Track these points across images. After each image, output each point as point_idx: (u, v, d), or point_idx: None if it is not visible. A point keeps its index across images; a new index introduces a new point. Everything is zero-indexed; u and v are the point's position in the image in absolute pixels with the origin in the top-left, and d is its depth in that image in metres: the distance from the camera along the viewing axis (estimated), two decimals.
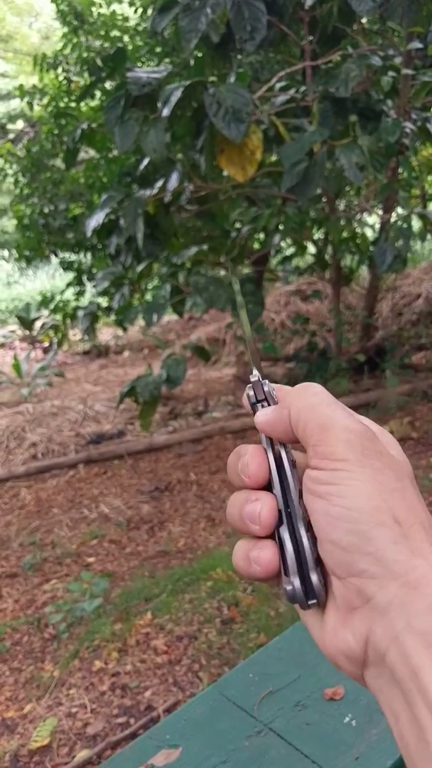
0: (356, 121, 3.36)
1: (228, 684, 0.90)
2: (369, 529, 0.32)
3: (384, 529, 0.31)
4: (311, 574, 0.35)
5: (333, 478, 0.33)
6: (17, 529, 3.61)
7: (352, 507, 0.32)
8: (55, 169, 5.79)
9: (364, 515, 0.32)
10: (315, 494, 0.34)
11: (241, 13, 3.23)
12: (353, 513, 0.32)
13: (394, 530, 0.31)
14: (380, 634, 0.31)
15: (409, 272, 6.47)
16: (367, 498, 0.32)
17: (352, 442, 0.34)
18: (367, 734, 0.80)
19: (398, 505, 0.32)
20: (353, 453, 0.33)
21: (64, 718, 2.17)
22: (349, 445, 0.33)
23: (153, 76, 3.40)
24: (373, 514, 0.32)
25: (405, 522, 0.32)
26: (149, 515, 3.58)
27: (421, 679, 0.29)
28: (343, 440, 0.34)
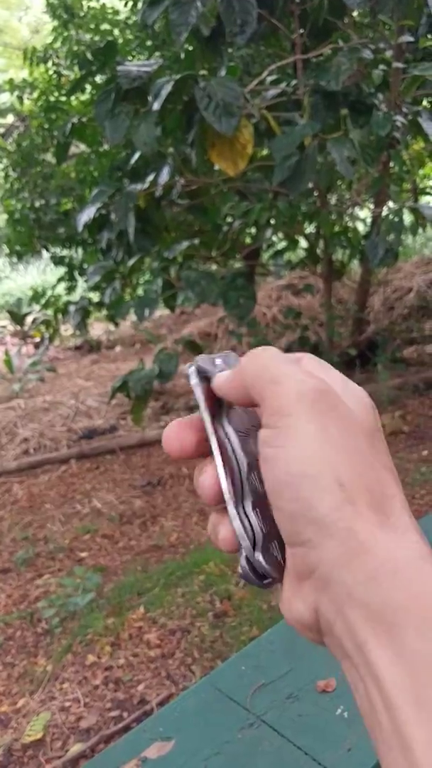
0: (347, 114, 3.36)
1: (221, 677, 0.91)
2: (310, 495, 0.29)
3: (326, 495, 0.29)
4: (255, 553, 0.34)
5: (278, 438, 0.31)
6: (9, 524, 3.61)
7: (294, 472, 0.30)
8: (45, 164, 5.77)
9: (305, 480, 0.30)
10: (264, 459, 0.32)
11: (232, 6, 3.21)
12: (295, 478, 0.30)
13: (336, 495, 0.29)
14: (326, 605, 0.30)
15: (401, 266, 6.47)
16: (310, 461, 0.30)
17: (303, 394, 0.31)
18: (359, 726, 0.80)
19: (345, 466, 0.30)
20: (302, 406, 0.31)
21: (57, 712, 2.17)
22: (299, 398, 0.31)
23: (143, 70, 3.38)
24: (316, 478, 0.29)
25: (350, 485, 0.29)
26: (142, 510, 3.59)
27: (366, 655, 0.28)
28: (293, 392, 0.31)
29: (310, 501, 0.29)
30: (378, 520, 0.29)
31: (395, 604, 0.27)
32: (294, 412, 0.31)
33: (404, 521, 0.30)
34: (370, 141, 3.39)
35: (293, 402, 0.31)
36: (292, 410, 0.31)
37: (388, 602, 0.27)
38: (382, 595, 0.27)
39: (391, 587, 0.27)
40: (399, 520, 0.30)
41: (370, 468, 0.30)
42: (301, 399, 0.31)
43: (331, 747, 0.75)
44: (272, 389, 0.32)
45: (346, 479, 0.29)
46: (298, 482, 0.30)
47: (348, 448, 0.30)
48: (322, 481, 0.29)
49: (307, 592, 0.31)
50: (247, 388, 0.34)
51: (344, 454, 0.30)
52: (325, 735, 0.78)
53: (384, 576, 0.28)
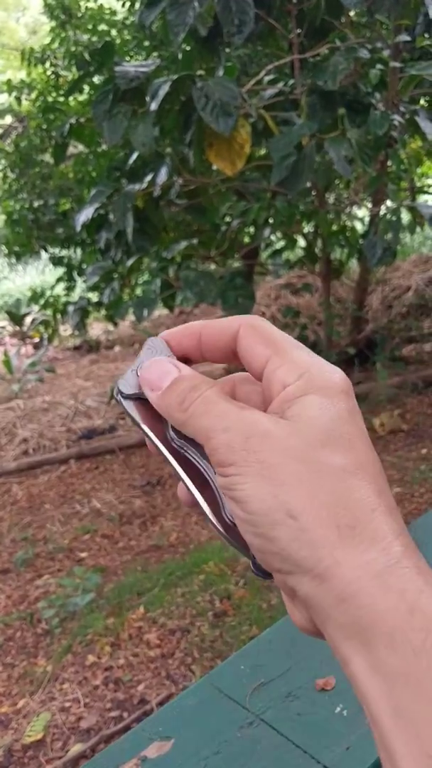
0: (345, 114, 3.35)
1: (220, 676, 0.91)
2: (267, 531, 0.30)
3: (280, 528, 0.30)
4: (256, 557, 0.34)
5: (228, 484, 0.32)
6: (9, 524, 3.61)
7: (249, 510, 0.31)
8: (43, 164, 5.77)
9: (260, 517, 0.30)
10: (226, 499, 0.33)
11: (229, 6, 3.21)
12: (252, 517, 0.31)
13: (291, 527, 0.30)
14: (317, 623, 0.31)
15: (399, 265, 6.47)
16: (260, 500, 0.30)
17: (233, 444, 0.31)
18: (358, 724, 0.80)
19: (291, 496, 0.30)
20: (235, 453, 0.31)
21: (57, 712, 2.18)
22: (230, 449, 0.31)
23: (141, 70, 3.38)
24: (267, 514, 0.30)
25: (302, 514, 0.30)
26: (141, 510, 3.59)
27: (351, 671, 0.29)
28: (224, 446, 0.32)
29: (268, 536, 0.30)
30: (338, 540, 0.29)
31: (364, 623, 0.28)
32: (230, 458, 0.31)
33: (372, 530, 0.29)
34: (367, 140, 3.38)
35: (226, 450, 0.31)
36: (228, 457, 0.31)
37: (358, 622, 0.28)
38: (352, 616, 0.28)
39: (358, 607, 0.28)
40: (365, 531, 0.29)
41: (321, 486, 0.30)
42: (232, 445, 0.31)
43: (330, 745, 0.75)
44: (208, 444, 0.32)
45: (296, 509, 0.30)
46: (255, 520, 0.31)
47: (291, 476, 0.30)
48: (273, 516, 0.30)
49: (299, 606, 0.32)
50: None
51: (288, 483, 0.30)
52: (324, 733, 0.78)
53: (351, 597, 0.28)
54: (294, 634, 1.01)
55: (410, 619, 0.27)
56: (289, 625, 1.03)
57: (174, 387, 0.35)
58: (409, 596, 0.28)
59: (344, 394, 0.32)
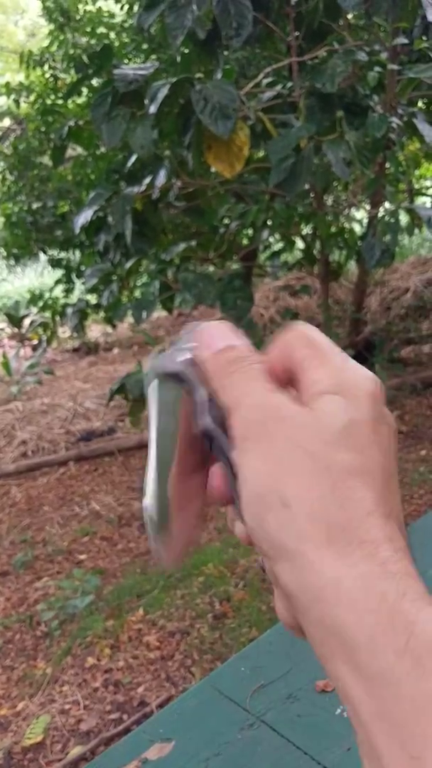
0: (343, 116, 3.36)
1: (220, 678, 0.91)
2: (260, 512, 0.31)
3: (272, 513, 0.30)
4: None
5: (239, 458, 0.32)
6: (8, 527, 3.61)
7: (248, 491, 0.31)
8: (42, 167, 5.78)
9: (255, 499, 0.31)
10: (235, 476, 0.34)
11: (227, 9, 3.22)
12: (249, 495, 0.31)
13: (282, 513, 0.30)
14: (296, 615, 0.31)
15: (397, 267, 6.49)
16: (258, 479, 0.31)
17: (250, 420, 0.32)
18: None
19: (289, 484, 0.30)
20: (250, 429, 0.32)
21: (57, 714, 2.18)
22: (247, 424, 0.32)
23: (140, 73, 3.39)
24: (263, 496, 0.30)
25: (295, 503, 0.30)
26: (140, 512, 3.57)
27: (334, 673, 0.28)
28: (241, 419, 0.33)
29: (261, 520, 0.31)
30: (326, 538, 0.29)
31: (344, 623, 0.27)
32: (245, 433, 0.32)
33: (363, 532, 0.29)
34: (365, 142, 3.39)
35: (243, 426, 0.32)
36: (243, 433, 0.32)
37: (338, 621, 0.28)
38: (331, 614, 0.28)
39: (337, 606, 0.28)
40: (354, 533, 0.29)
41: (320, 481, 0.30)
42: (250, 421, 0.32)
43: (330, 747, 0.75)
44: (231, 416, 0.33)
45: (291, 497, 0.30)
46: (252, 500, 0.31)
47: (294, 464, 0.30)
48: (268, 499, 0.30)
49: (281, 596, 0.33)
50: None
51: (289, 471, 0.30)
52: (324, 735, 0.79)
53: (329, 596, 0.28)
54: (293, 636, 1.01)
55: (392, 622, 0.27)
56: None
57: (226, 351, 0.35)
58: (391, 599, 0.27)
59: (371, 400, 0.32)
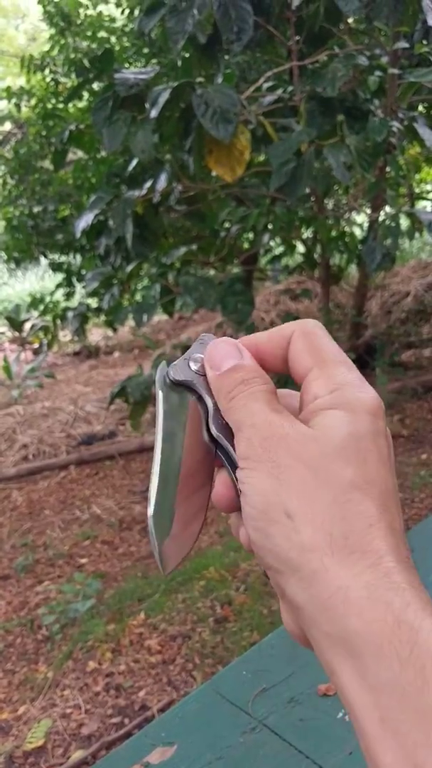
0: (343, 120, 3.37)
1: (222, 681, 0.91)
2: (265, 526, 0.32)
3: (276, 526, 0.31)
4: None
5: (242, 477, 0.34)
6: (9, 531, 3.61)
7: (252, 505, 0.33)
8: (43, 171, 5.80)
9: (260, 513, 0.32)
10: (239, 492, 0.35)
11: (228, 14, 3.23)
12: (253, 511, 0.32)
13: (286, 526, 0.31)
14: (303, 626, 0.32)
15: (398, 270, 6.50)
16: (262, 495, 0.32)
17: (253, 440, 0.33)
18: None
19: (292, 497, 0.31)
20: (254, 448, 0.33)
21: (58, 719, 2.17)
22: (250, 444, 0.34)
23: (140, 77, 3.39)
24: (267, 511, 0.32)
25: (299, 515, 0.31)
26: (141, 515, 3.59)
27: (337, 680, 0.29)
28: (245, 440, 0.34)
29: (265, 532, 0.32)
30: (330, 548, 0.30)
31: (350, 632, 0.28)
32: (249, 452, 0.33)
33: (366, 543, 0.30)
34: (366, 146, 3.40)
35: (246, 445, 0.34)
36: (247, 451, 0.34)
37: (344, 630, 0.28)
38: (338, 624, 0.29)
39: (345, 615, 0.28)
40: (357, 544, 0.30)
41: (322, 494, 0.31)
42: (251, 446, 0.33)
43: (332, 750, 0.75)
44: (236, 435, 0.35)
45: (294, 509, 0.31)
46: (255, 514, 0.32)
47: (296, 478, 0.31)
48: (272, 513, 0.31)
49: (288, 608, 0.33)
50: None
51: (292, 485, 0.31)
52: (326, 739, 0.78)
53: (337, 605, 0.29)
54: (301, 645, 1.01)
55: (397, 631, 0.27)
56: None
57: (230, 373, 0.36)
58: (396, 608, 0.28)
59: (370, 415, 0.33)
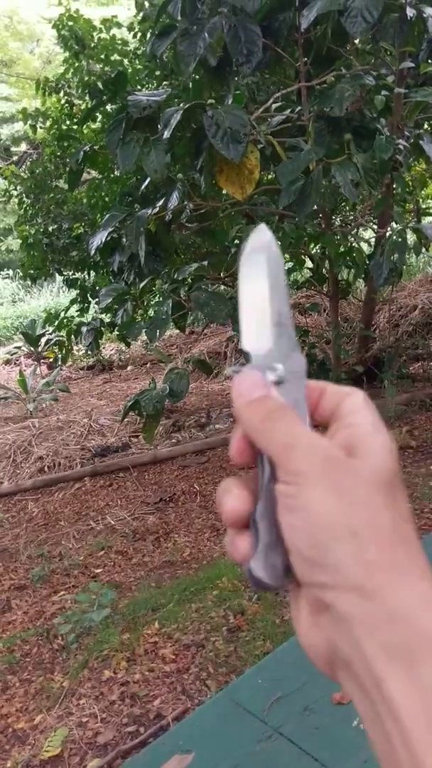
0: (351, 139, 3.43)
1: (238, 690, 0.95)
2: (327, 542, 0.32)
3: (340, 543, 0.32)
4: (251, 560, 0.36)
5: (295, 491, 0.34)
6: (25, 541, 3.67)
7: (311, 521, 0.33)
8: (58, 190, 5.91)
9: (322, 529, 0.32)
10: (283, 506, 0.35)
11: (238, 36, 3.30)
12: (312, 527, 0.33)
13: (350, 543, 0.32)
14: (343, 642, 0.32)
15: (405, 285, 6.56)
16: (325, 512, 0.32)
17: (313, 457, 0.34)
18: None
19: (357, 516, 0.32)
20: (314, 466, 0.34)
21: (74, 727, 2.20)
22: (310, 458, 0.34)
23: (153, 99, 3.48)
24: (330, 527, 0.32)
25: (363, 534, 0.32)
26: (155, 526, 3.64)
27: (384, 691, 0.30)
28: (304, 455, 0.34)
29: (326, 549, 0.32)
30: (391, 566, 0.32)
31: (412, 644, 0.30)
32: (307, 470, 0.34)
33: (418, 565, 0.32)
34: (373, 164, 3.46)
35: (304, 465, 0.34)
36: (305, 469, 0.34)
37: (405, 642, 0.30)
38: (398, 636, 0.30)
39: (406, 629, 0.30)
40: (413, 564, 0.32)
41: (384, 516, 0.33)
42: (311, 461, 0.34)
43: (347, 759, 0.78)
44: (286, 453, 0.35)
45: (359, 528, 0.32)
46: (315, 530, 0.33)
47: (360, 499, 0.33)
48: (336, 531, 0.32)
49: (323, 626, 0.34)
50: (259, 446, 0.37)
51: (356, 504, 0.33)
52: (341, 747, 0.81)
53: (399, 619, 0.31)
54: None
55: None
56: None
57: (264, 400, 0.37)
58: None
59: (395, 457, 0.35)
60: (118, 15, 5.96)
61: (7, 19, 17.82)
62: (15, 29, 17.54)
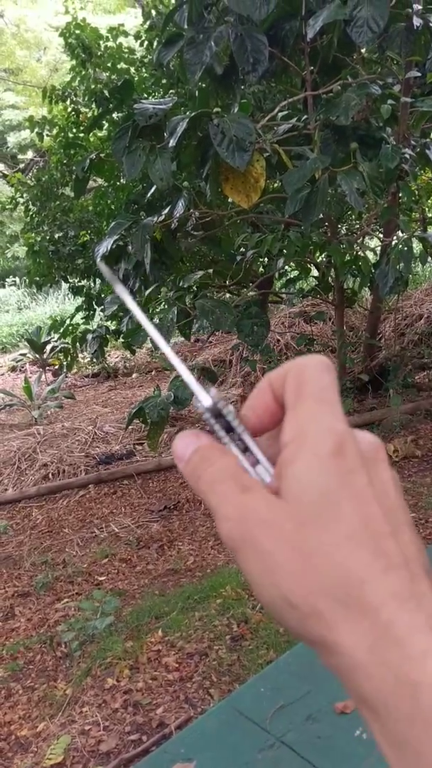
0: (357, 148, 3.44)
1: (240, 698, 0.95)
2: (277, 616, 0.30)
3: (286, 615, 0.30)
4: None
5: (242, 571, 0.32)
6: (29, 548, 3.67)
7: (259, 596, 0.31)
8: (64, 198, 5.95)
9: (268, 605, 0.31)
10: None
11: (244, 45, 3.32)
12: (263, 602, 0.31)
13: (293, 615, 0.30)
14: None
15: (411, 294, 6.56)
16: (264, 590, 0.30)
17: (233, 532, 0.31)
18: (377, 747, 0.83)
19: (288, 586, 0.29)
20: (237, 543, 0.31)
21: (77, 735, 2.20)
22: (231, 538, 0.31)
23: (159, 107, 3.50)
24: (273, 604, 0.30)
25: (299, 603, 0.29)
26: (159, 534, 3.63)
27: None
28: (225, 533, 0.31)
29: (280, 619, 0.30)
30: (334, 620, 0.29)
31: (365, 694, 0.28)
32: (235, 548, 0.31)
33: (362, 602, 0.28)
34: (379, 173, 3.47)
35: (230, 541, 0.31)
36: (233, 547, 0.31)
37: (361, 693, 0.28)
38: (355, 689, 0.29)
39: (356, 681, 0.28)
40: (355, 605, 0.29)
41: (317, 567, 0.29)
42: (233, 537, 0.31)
43: None
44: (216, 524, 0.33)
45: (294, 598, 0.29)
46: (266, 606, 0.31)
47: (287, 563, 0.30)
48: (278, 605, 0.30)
49: None
50: None
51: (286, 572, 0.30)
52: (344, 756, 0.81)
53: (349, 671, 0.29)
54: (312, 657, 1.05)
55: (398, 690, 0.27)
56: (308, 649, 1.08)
57: (191, 457, 0.34)
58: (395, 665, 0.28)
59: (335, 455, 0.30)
60: (124, 23, 6.00)
61: (15, 27, 18.01)
62: (22, 37, 17.72)
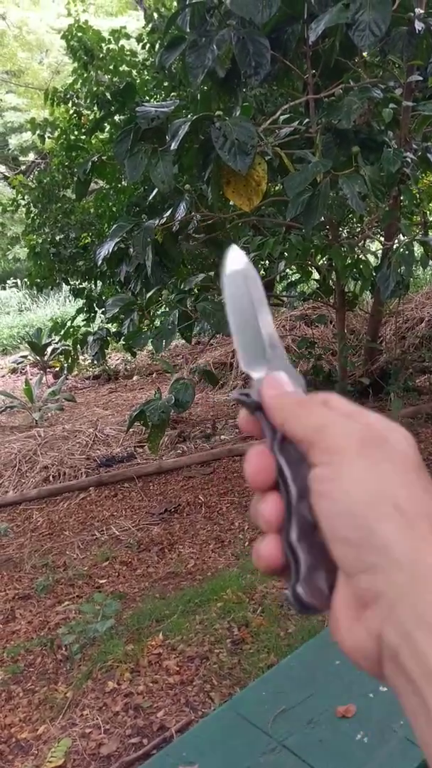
0: (358, 151, 3.44)
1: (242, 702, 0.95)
2: (372, 522, 0.31)
3: (387, 520, 0.30)
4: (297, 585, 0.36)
5: (332, 473, 0.33)
6: (30, 551, 3.67)
7: (353, 501, 0.32)
8: (65, 200, 5.97)
9: (365, 508, 0.31)
10: (319, 494, 0.33)
11: (246, 49, 3.33)
12: (355, 506, 0.31)
13: (397, 520, 0.30)
14: (391, 630, 0.30)
15: (412, 297, 6.56)
16: (367, 490, 0.31)
17: (350, 434, 0.33)
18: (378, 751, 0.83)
19: (401, 495, 0.31)
20: (351, 442, 0.33)
21: (78, 738, 2.20)
22: (347, 437, 0.33)
23: (161, 110, 3.50)
24: (375, 505, 0.31)
25: (409, 512, 0.30)
26: (159, 537, 3.63)
27: None
28: (340, 433, 0.34)
29: (371, 528, 0.31)
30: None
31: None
32: (344, 449, 0.33)
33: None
34: (380, 177, 3.47)
35: (342, 441, 0.33)
36: (342, 448, 0.33)
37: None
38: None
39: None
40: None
41: (426, 494, 0.32)
42: (349, 437, 0.33)
43: None
44: (320, 433, 0.34)
45: (404, 505, 0.31)
46: (358, 510, 0.31)
47: (400, 477, 0.32)
48: (381, 508, 0.31)
49: (369, 620, 0.31)
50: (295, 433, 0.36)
51: (398, 482, 0.32)
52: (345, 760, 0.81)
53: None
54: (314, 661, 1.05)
55: None
56: (309, 653, 1.07)
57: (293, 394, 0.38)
58: None
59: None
60: (127, 26, 6.02)
61: (17, 29, 18.04)
62: (24, 39, 17.75)
